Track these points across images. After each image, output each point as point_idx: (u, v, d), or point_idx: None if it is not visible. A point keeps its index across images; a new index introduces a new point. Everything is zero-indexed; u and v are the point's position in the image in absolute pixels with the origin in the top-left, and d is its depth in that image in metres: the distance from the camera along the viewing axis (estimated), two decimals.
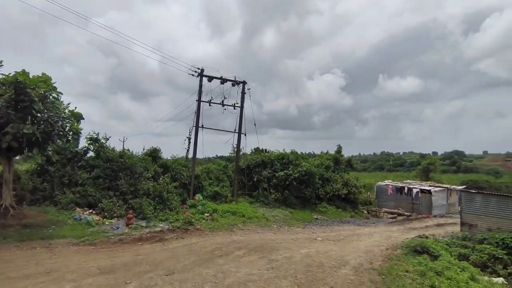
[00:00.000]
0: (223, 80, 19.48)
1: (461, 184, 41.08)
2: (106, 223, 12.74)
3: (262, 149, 26.60)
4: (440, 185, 31.16)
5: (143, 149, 19.72)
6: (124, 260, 8.33)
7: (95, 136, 16.56)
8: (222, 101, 19.68)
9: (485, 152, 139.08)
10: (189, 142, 20.39)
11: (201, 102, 19.15)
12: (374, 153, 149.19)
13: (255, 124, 20.48)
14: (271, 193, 20.74)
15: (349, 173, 26.55)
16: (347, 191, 23.84)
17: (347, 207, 23.86)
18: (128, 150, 17.65)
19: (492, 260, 11.85)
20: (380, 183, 30.84)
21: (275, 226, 16.20)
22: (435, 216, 25.41)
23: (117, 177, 15.12)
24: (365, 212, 25.20)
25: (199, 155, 20.78)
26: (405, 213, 25.37)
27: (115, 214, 13.54)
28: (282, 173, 21.17)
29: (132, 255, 8.83)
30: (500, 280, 10.66)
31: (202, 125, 19.20)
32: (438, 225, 21.78)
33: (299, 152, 25.09)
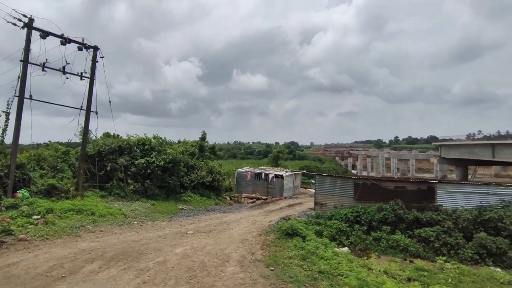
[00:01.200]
0: (65, 40, 14.81)
1: (300, 169, 48.78)
2: None
3: (114, 134, 22.51)
4: (288, 170, 35.51)
5: None
6: None
7: None
8: (63, 68, 15.01)
9: (311, 143, 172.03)
10: (7, 119, 14.58)
11: (30, 65, 13.95)
12: (228, 142, 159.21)
13: (110, 102, 16.80)
14: (129, 184, 17.69)
15: (213, 160, 26.24)
16: (211, 179, 23.46)
17: (211, 194, 23.49)
18: None
19: (339, 233, 13.79)
20: (240, 169, 32.26)
21: (136, 222, 13.70)
22: (285, 198, 28.59)
23: None
24: (228, 198, 25.62)
25: (25, 140, 15.04)
26: (262, 197, 27.38)
27: None
28: (143, 161, 18.42)
29: None
30: (345, 249, 12.43)
31: (31, 96, 14.08)
32: (289, 206, 24.42)
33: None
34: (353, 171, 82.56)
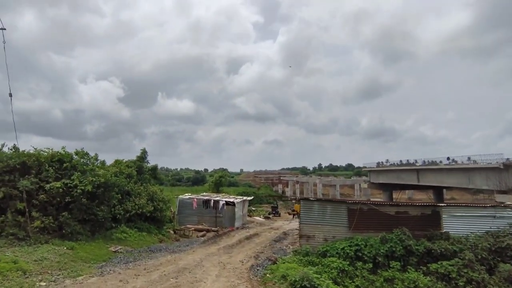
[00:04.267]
0: None
1: (238, 195, 45.37)
2: None
3: (15, 146, 16.12)
4: (236, 197, 31.82)
5: None
6: None
7: None
8: None
9: (241, 170, 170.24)
10: None
11: None
12: None
13: (11, 96, 11.33)
14: (34, 219, 11.86)
15: (154, 185, 21.15)
16: (153, 208, 18.45)
17: (152, 228, 18.36)
18: None
19: (340, 274, 10.85)
20: (182, 196, 27.33)
21: (44, 284, 8.45)
22: (237, 228, 24.76)
23: None
24: (172, 232, 20.60)
25: None
26: (212, 229, 23.04)
27: None
28: (58, 184, 12.80)
29: None
30: None
31: None
32: (247, 238, 20.76)
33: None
34: None
